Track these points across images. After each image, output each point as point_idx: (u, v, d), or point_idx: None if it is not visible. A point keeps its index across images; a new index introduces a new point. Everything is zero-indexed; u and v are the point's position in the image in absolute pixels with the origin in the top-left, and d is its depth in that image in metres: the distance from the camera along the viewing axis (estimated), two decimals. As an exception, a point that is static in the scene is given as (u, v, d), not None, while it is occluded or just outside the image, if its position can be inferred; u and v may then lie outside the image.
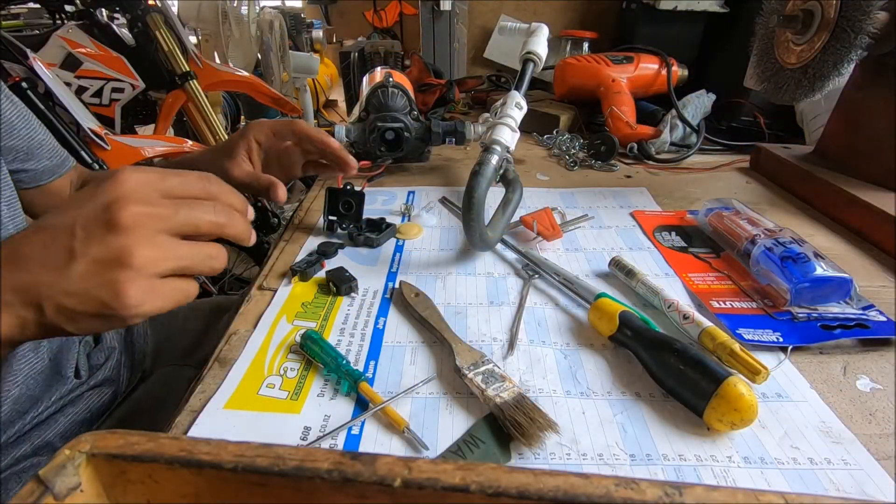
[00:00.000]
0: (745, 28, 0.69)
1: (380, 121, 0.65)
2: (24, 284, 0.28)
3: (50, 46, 1.36)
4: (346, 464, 0.17)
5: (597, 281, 0.46)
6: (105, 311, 0.29)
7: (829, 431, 0.31)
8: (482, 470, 0.16)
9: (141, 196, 0.29)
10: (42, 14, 2.17)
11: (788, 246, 0.42)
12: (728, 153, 0.80)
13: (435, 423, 0.32)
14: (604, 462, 0.29)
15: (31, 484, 0.16)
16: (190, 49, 1.55)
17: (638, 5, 1.00)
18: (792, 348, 0.37)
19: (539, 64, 0.60)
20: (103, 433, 0.18)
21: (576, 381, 0.35)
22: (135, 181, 0.30)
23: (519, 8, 1.24)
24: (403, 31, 2.21)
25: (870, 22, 0.48)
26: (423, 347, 0.38)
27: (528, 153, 0.81)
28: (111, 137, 1.28)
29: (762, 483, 0.28)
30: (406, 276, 0.47)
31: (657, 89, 0.89)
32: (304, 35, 2.51)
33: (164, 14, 1.47)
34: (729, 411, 0.29)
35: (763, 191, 0.66)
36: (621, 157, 0.77)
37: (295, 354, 0.37)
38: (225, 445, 0.17)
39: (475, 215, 0.44)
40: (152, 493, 0.18)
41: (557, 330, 0.40)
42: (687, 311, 0.38)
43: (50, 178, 0.54)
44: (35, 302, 0.28)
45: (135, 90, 1.46)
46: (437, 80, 0.96)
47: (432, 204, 0.61)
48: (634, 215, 0.58)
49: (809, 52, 0.54)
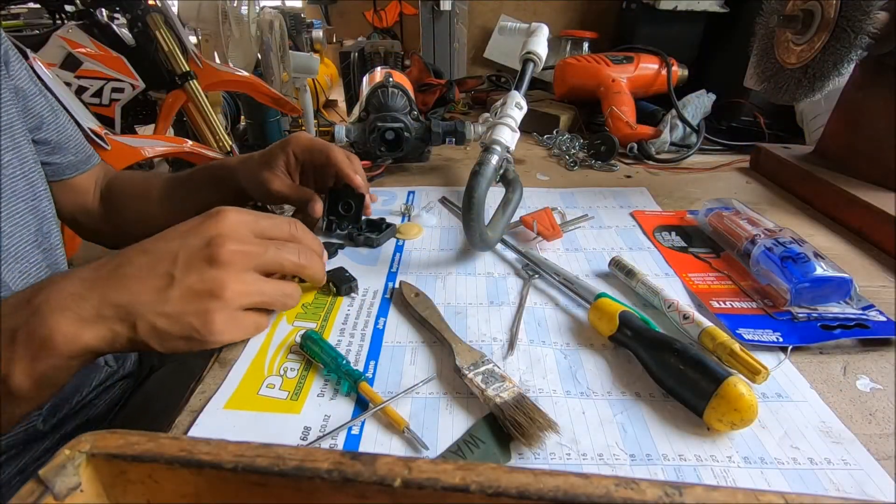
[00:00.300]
0: (745, 28, 0.69)
1: (380, 121, 0.65)
2: (124, 302, 0.30)
3: (50, 46, 1.36)
4: (346, 464, 0.17)
5: (597, 281, 0.46)
6: (192, 334, 0.32)
7: (829, 431, 0.31)
8: (482, 470, 0.16)
9: (238, 235, 0.33)
10: (42, 14, 2.17)
11: (788, 246, 0.42)
12: (728, 153, 0.80)
13: (435, 423, 0.32)
14: (604, 462, 0.29)
15: (30, 484, 0.16)
16: (190, 49, 1.55)
17: (638, 5, 1.00)
18: (792, 348, 0.37)
19: (539, 64, 0.60)
20: (103, 433, 0.18)
21: (576, 381, 0.35)
22: (233, 220, 0.33)
23: (519, 8, 1.24)
24: (403, 31, 2.21)
25: (870, 22, 0.48)
26: (423, 347, 0.38)
27: (528, 153, 0.81)
28: (111, 137, 1.28)
29: (762, 483, 0.28)
30: (406, 276, 0.47)
31: (657, 89, 0.89)
32: (304, 35, 2.51)
33: (164, 14, 1.47)
34: (729, 411, 0.29)
35: (763, 191, 0.66)
36: (621, 157, 0.77)
37: (295, 355, 0.37)
38: (225, 445, 0.17)
39: (475, 215, 0.44)
40: (152, 493, 0.18)
41: (557, 330, 0.40)
42: (687, 311, 0.38)
43: (73, 173, 0.56)
44: (130, 319, 0.31)
45: (135, 90, 1.46)
46: (437, 80, 0.96)
47: (432, 204, 0.61)
48: (634, 215, 0.58)
49: (809, 52, 0.54)
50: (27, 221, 0.47)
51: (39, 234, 0.48)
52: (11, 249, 0.44)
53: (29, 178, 0.47)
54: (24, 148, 0.47)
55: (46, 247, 0.49)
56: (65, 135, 0.54)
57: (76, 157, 0.55)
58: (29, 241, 0.47)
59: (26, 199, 0.47)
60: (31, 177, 0.48)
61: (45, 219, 0.49)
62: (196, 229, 0.33)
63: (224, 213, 0.33)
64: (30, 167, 0.48)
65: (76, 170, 0.56)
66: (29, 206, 0.47)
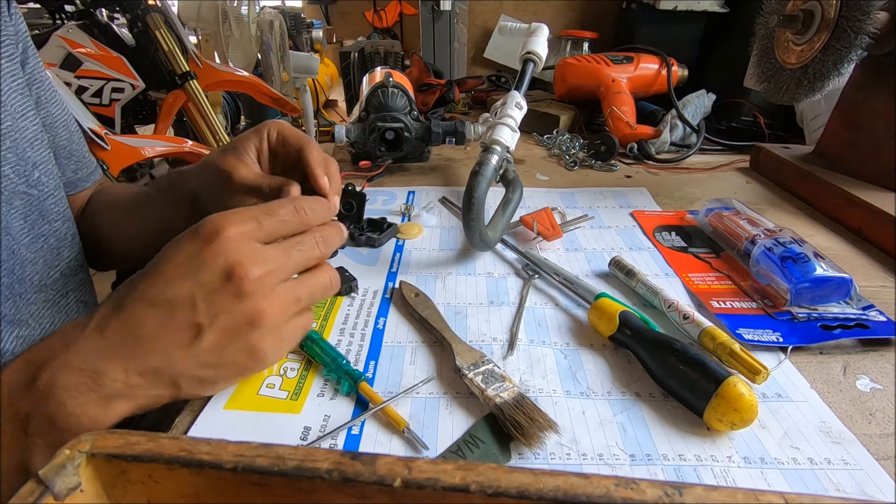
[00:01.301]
0: (745, 28, 0.69)
1: (380, 121, 0.65)
2: (154, 366, 0.28)
3: (50, 46, 1.35)
4: (346, 464, 0.17)
5: (597, 281, 0.46)
6: (243, 371, 0.30)
7: (829, 431, 0.31)
8: (482, 470, 0.16)
9: (253, 255, 0.29)
10: (42, 14, 2.17)
11: (788, 246, 0.42)
12: (728, 153, 0.80)
13: (435, 423, 0.32)
14: (604, 462, 0.29)
15: (30, 484, 0.16)
16: (190, 49, 1.55)
17: (638, 5, 1.00)
18: (792, 348, 0.37)
19: (539, 64, 0.60)
20: (103, 433, 0.18)
21: (576, 381, 0.35)
22: (237, 238, 0.29)
23: (519, 8, 1.24)
24: (403, 31, 2.21)
25: (870, 22, 0.48)
26: (423, 347, 0.38)
27: (528, 153, 0.81)
28: (111, 137, 1.28)
29: (762, 483, 0.28)
30: (406, 276, 0.47)
31: (657, 89, 0.89)
32: (304, 35, 2.51)
33: (164, 14, 1.47)
34: (729, 411, 0.29)
35: (763, 191, 0.66)
36: (621, 157, 0.77)
37: (295, 354, 0.37)
38: (225, 445, 0.17)
39: (475, 215, 0.44)
40: (152, 493, 0.18)
41: (557, 330, 0.40)
42: (687, 311, 0.38)
43: (70, 191, 0.49)
44: (170, 380, 0.28)
45: (135, 90, 1.46)
46: (437, 80, 0.96)
47: (432, 204, 0.61)
48: (634, 215, 0.58)
49: (809, 52, 0.54)
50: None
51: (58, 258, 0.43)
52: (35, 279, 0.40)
53: None
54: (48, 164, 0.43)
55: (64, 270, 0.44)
56: (67, 150, 0.48)
57: (76, 175, 0.50)
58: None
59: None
60: None
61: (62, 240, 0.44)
62: (201, 263, 0.28)
63: (222, 233, 0.28)
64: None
65: (74, 188, 0.50)
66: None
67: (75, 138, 0.49)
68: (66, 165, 0.48)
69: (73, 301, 0.43)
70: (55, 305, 0.41)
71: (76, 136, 0.50)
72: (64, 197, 0.44)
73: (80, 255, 0.45)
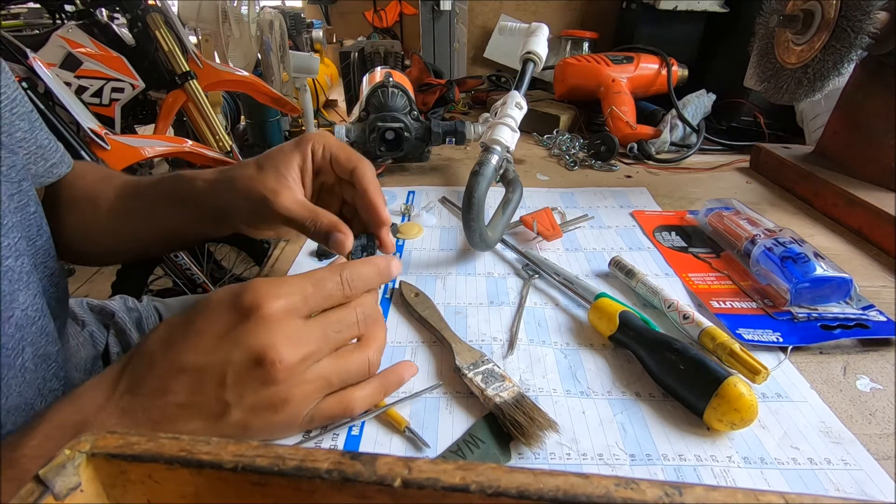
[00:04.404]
0: (745, 28, 0.69)
1: (380, 121, 0.65)
2: (180, 432, 0.27)
3: (50, 46, 1.35)
4: (346, 464, 0.17)
5: (597, 281, 0.46)
6: (266, 442, 0.29)
7: (829, 431, 0.31)
8: (482, 470, 0.16)
9: (287, 337, 0.27)
10: (42, 14, 2.17)
11: (788, 246, 0.42)
12: (728, 153, 0.80)
13: (435, 423, 0.32)
14: (604, 462, 0.29)
15: (30, 484, 0.16)
16: (190, 49, 1.54)
17: (638, 5, 1.00)
18: (792, 348, 0.37)
19: (539, 64, 0.60)
20: (103, 433, 0.18)
21: (576, 381, 0.35)
22: (276, 315, 0.27)
23: (519, 8, 1.24)
24: (403, 31, 2.21)
25: (870, 22, 0.48)
26: (423, 347, 0.38)
27: (528, 153, 0.81)
28: (111, 137, 1.28)
29: (762, 483, 0.28)
30: (406, 276, 0.47)
31: (657, 89, 0.89)
32: (304, 35, 2.51)
33: (164, 14, 1.46)
34: (729, 411, 0.29)
35: (763, 191, 0.66)
36: (621, 157, 0.77)
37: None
38: (225, 445, 0.17)
39: (475, 215, 0.44)
40: (152, 493, 0.18)
41: (557, 330, 0.40)
42: (687, 311, 0.38)
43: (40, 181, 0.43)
44: None
45: (135, 90, 1.46)
46: (437, 80, 0.96)
47: (432, 204, 0.61)
48: (634, 215, 0.58)
49: (809, 52, 0.54)
50: None
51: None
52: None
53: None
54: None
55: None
56: (35, 143, 0.42)
57: (37, 168, 0.43)
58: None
59: None
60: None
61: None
62: (235, 340, 0.27)
63: (262, 309, 0.27)
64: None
65: (42, 178, 0.43)
66: None
67: (41, 135, 0.43)
68: (36, 160, 0.42)
69: (28, 357, 0.34)
70: (11, 369, 0.32)
71: (41, 132, 0.43)
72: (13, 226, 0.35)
73: (37, 297, 0.36)
